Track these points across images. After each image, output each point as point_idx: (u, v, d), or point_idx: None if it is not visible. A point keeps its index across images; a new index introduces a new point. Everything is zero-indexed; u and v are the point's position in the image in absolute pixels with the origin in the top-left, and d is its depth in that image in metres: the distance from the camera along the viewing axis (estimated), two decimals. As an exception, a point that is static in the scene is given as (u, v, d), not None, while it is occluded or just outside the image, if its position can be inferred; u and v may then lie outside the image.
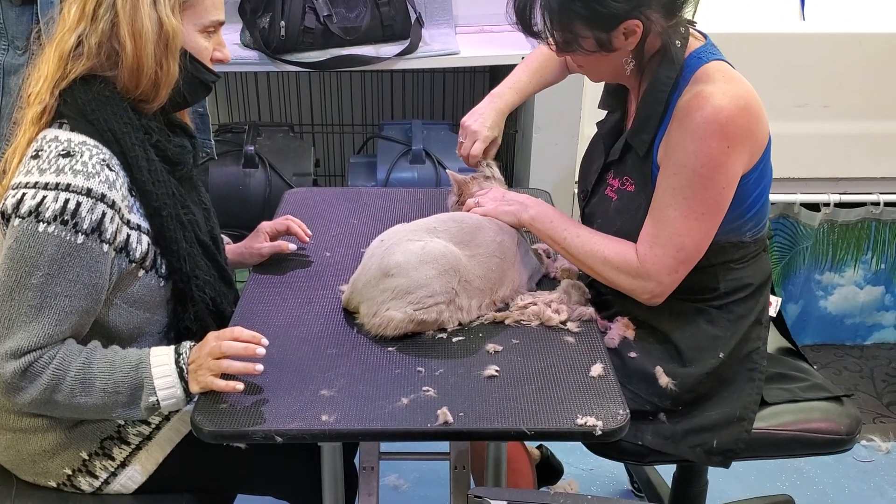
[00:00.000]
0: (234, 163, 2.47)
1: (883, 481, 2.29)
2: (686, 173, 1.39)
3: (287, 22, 2.32)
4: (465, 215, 1.58)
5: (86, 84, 1.32)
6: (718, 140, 1.37)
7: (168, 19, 1.31)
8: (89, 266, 1.27)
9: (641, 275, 1.44)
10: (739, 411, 1.51)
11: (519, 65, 1.80)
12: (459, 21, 2.64)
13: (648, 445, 1.51)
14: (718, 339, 1.50)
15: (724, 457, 1.51)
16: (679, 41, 1.43)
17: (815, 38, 2.46)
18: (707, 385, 1.51)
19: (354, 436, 1.27)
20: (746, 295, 1.52)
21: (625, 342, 1.54)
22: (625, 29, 1.37)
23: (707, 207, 1.41)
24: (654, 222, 1.44)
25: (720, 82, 1.40)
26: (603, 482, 2.27)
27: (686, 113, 1.39)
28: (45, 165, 1.28)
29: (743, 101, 1.38)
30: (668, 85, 1.42)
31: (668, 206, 1.41)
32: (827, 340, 2.88)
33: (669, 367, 1.50)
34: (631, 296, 1.49)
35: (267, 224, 1.71)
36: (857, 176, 2.62)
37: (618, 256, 1.46)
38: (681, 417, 1.51)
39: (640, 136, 1.47)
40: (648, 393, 1.51)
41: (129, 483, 1.42)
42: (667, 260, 1.43)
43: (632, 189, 1.50)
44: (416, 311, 1.40)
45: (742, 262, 1.52)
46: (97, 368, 1.28)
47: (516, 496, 1.03)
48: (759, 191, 1.48)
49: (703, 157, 1.38)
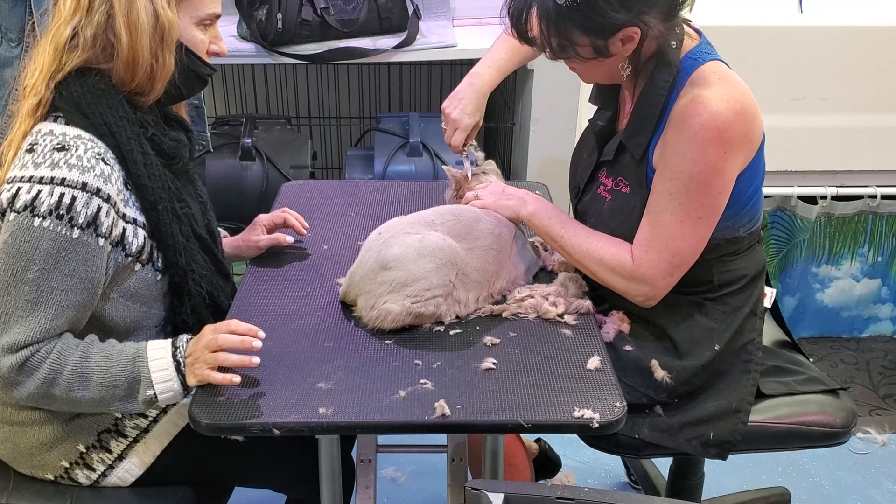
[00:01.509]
0: (231, 155, 2.47)
1: (878, 473, 2.30)
2: (683, 179, 1.39)
3: (284, 14, 2.31)
4: (462, 208, 1.58)
5: (81, 77, 1.32)
6: (716, 146, 1.37)
7: (164, 11, 1.30)
8: (85, 260, 1.27)
9: (636, 278, 1.45)
10: (735, 403, 1.51)
11: (497, 40, 1.77)
12: (457, 13, 2.63)
13: (645, 439, 1.51)
14: (714, 331, 1.50)
15: (721, 449, 1.52)
16: (675, 42, 1.42)
17: (812, 31, 2.46)
18: (703, 377, 1.51)
19: (352, 428, 1.27)
20: (740, 287, 1.52)
21: (620, 336, 1.54)
22: (622, 36, 1.36)
23: (703, 212, 1.41)
24: (650, 227, 1.44)
25: (716, 85, 1.39)
26: (600, 474, 2.27)
27: (683, 119, 1.39)
28: (41, 159, 1.28)
29: (739, 105, 1.38)
30: (665, 88, 1.41)
31: (664, 210, 1.41)
32: (823, 333, 2.89)
33: (665, 361, 1.50)
34: (625, 297, 1.49)
35: (264, 217, 1.71)
36: (854, 169, 2.62)
37: (613, 259, 1.46)
38: (677, 410, 1.52)
39: (635, 138, 1.46)
40: (644, 386, 1.51)
41: (126, 476, 1.43)
42: (662, 265, 1.43)
43: (626, 191, 1.50)
44: (414, 304, 1.40)
45: (736, 254, 1.52)
46: (94, 362, 1.28)
47: (513, 488, 1.03)
48: (754, 188, 1.48)
49: (701, 163, 1.37)
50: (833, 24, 2.47)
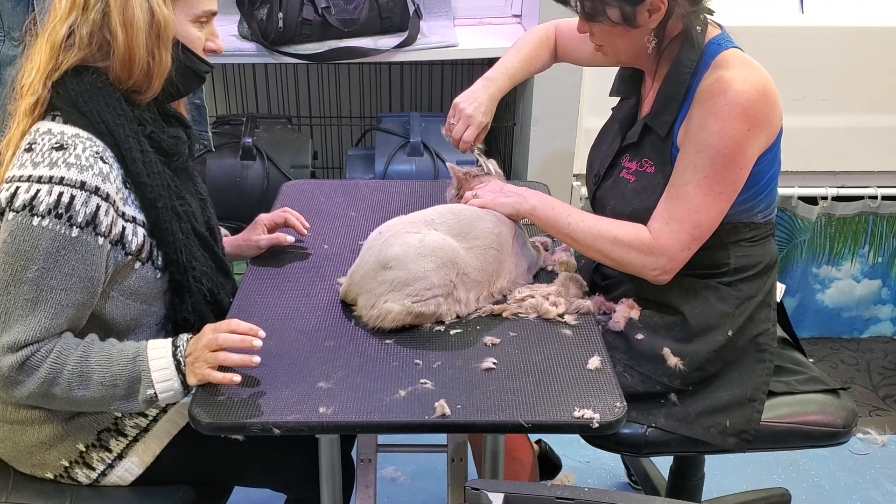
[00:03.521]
0: (232, 155, 2.47)
1: (878, 474, 2.30)
2: (709, 152, 1.42)
3: (285, 13, 2.31)
4: (463, 207, 1.58)
5: (78, 75, 1.31)
6: (741, 122, 1.40)
7: (159, 9, 1.30)
8: (84, 259, 1.27)
9: (654, 250, 1.46)
10: (750, 392, 1.52)
11: (510, 48, 1.81)
12: (458, 13, 2.63)
13: (662, 427, 1.51)
14: (727, 317, 1.51)
15: (739, 438, 1.52)
16: (700, 26, 1.47)
17: (814, 32, 2.46)
18: (716, 364, 1.51)
19: (352, 428, 1.27)
20: (754, 273, 1.54)
21: (630, 324, 1.54)
22: (650, 5, 1.40)
23: (725, 186, 1.44)
24: (672, 199, 1.46)
25: (739, 68, 1.43)
26: (600, 474, 2.27)
27: (708, 96, 1.42)
28: (39, 159, 1.27)
29: (762, 87, 1.42)
30: (691, 67, 1.46)
31: (688, 182, 1.44)
32: (824, 333, 2.89)
33: (677, 347, 1.51)
34: (638, 274, 1.50)
35: (265, 216, 1.71)
36: (855, 169, 2.62)
37: (628, 234, 1.48)
38: (691, 399, 1.52)
39: (660, 117, 1.50)
40: (658, 373, 1.51)
41: (126, 475, 1.43)
42: (682, 236, 1.45)
43: (651, 171, 1.52)
44: (414, 304, 1.40)
45: (753, 241, 1.54)
46: (94, 361, 1.28)
47: (513, 488, 1.03)
48: (772, 174, 1.51)
49: (727, 137, 1.41)
50: (834, 24, 2.48)
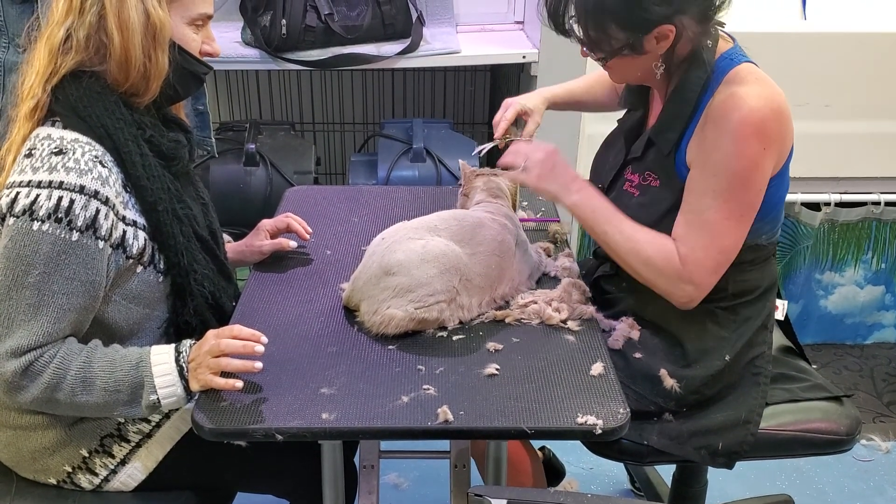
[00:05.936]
0: (235, 161, 2.47)
1: (883, 481, 2.29)
2: (727, 175, 1.38)
3: (288, 20, 2.32)
4: (465, 213, 1.58)
5: (76, 79, 1.32)
6: (756, 140, 1.37)
7: (155, 11, 1.31)
8: (85, 263, 1.27)
9: (683, 278, 1.42)
10: (745, 414, 1.50)
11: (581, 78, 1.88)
12: (460, 20, 2.64)
13: (654, 446, 1.50)
14: (725, 341, 1.50)
15: (728, 458, 1.51)
16: (711, 41, 1.43)
17: (816, 38, 2.46)
18: (712, 387, 1.50)
19: (355, 434, 1.27)
20: (753, 297, 1.52)
21: (629, 343, 1.53)
22: (657, 33, 1.37)
23: (745, 209, 1.41)
24: (693, 227, 1.41)
25: (753, 84, 1.39)
26: (603, 481, 2.27)
27: (721, 114, 1.38)
28: (38, 164, 1.28)
29: (775, 104, 1.39)
30: (699, 86, 1.42)
31: (709, 208, 1.40)
32: (827, 340, 2.88)
33: (674, 369, 1.50)
34: (665, 297, 1.46)
35: (267, 222, 1.71)
36: (858, 175, 2.62)
37: (661, 258, 1.43)
38: (686, 418, 1.51)
39: (664, 134, 1.47)
40: (653, 394, 1.50)
41: (129, 481, 1.42)
42: (709, 263, 1.41)
43: (656, 184, 1.49)
44: (417, 310, 1.40)
45: (753, 264, 1.51)
46: (98, 367, 1.28)
47: (516, 494, 1.03)
48: (779, 196, 1.48)
49: (743, 158, 1.37)
50: (836, 30, 2.48)
